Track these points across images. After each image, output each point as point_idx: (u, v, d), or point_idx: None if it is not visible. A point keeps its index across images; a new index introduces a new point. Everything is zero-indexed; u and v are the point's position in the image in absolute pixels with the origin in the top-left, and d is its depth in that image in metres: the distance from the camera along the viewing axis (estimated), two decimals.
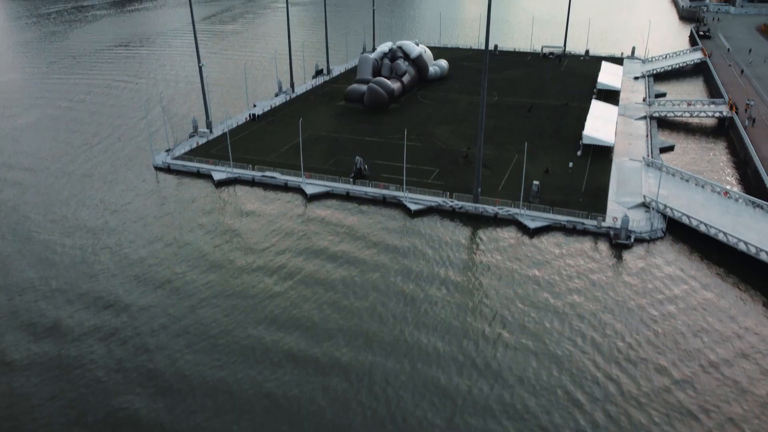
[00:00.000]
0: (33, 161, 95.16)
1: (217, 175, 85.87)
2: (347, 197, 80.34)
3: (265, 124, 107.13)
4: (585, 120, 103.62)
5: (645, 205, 74.53)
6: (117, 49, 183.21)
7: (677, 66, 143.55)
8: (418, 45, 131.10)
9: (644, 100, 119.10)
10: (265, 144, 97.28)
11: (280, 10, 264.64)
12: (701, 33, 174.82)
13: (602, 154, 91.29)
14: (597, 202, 76.05)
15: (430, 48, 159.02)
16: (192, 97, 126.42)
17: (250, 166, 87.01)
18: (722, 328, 54.27)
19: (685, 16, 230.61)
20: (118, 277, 62.75)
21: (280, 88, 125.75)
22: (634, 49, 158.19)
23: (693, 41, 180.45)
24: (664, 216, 71.19)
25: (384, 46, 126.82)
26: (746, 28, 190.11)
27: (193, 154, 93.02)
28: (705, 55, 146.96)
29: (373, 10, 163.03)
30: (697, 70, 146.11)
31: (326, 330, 54.52)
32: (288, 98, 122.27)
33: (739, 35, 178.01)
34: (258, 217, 75.38)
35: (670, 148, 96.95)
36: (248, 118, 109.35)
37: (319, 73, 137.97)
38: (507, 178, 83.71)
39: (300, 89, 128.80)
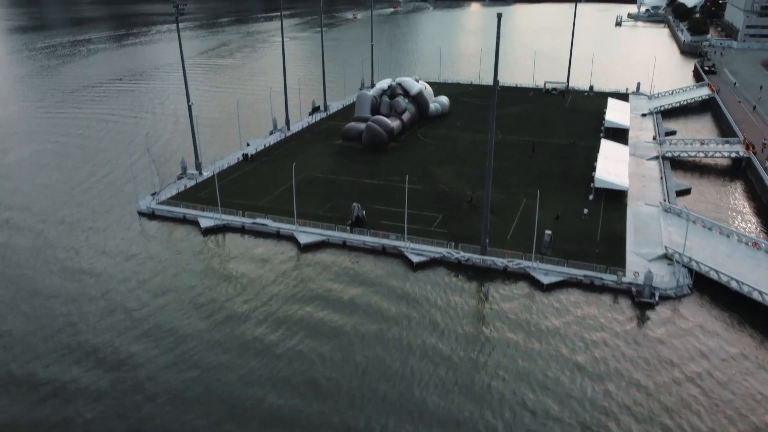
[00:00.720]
0: (17, 201, 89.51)
1: (205, 222, 80.00)
2: (344, 246, 74.41)
3: (258, 165, 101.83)
4: (594, 160, 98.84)
5: (667, 257, 68.65)
6: (111, 83, 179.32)
7: (685, 102, 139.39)
8: (418, 81, 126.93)
9: (654, 138, 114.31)
10: (258, 187, 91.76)
11: (277, 44, 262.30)
12: (706, 68, 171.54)
13: (616, 198, 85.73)
14: (614, 253, 70.17)
15: (430, 83, 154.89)
16: (184, 134, 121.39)
17: (240, 212, 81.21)
18: (766, 392, 48.11)
19: (686, 50, 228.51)
20: (98, 330, 56.37)
21: (275, 126, 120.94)
22: (639, 84, 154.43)
23: (698, 76, 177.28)
24: (689, 270, 65.23)
25: (383, 83, 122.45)
26: (751, 64, 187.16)
27: (179, 198, 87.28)
28: (713, 91, 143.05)
29: (372, 45, 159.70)
30: (705, 107, 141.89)
31: (321, 391, 48.32)
32: (283, 136, 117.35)
33: (744, 70, 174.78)
34: (247, 270, 69.26)
35: (687, 192, 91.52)
36: (241, 159, 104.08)
37: (315, 110, 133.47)
38: (516, 226, 77.94)
39: (296, 127, 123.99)
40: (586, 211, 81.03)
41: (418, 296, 63.77)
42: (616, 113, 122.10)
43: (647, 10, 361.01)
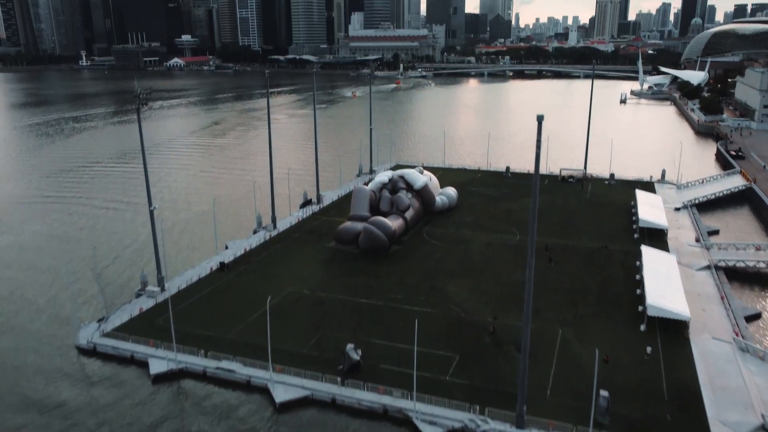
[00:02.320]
0: None
1: (156, 366, 62.67)
2: (333, 405, 56.93)
3: (234, 276, 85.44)
4: (636, 272, 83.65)
5: (766, 430, 51.19)
6: (88, 167, 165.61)
7: (720, 194, 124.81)
8: (422, 173, 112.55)
9: (697, 240, 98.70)
10: (230, 308, 74.95)
11: (275, 122, 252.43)
12: (733, 152, 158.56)
13: (673, 328, 68.79)
14: (692, 421, 52.74)
15: (434, 169, 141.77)
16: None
17: (202, 351, 64.09)
18: None
19: (702, 131, 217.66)
20: None
21: (260, 224, 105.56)
22: (664, 172, 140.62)
23: (721, 160, 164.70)
24: None
25: (383, 176, 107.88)
26: None
27: (130, 327, 70.16)
28: (748, 180, 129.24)
29: (371, 129, 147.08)
30: (741, 197, 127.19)
31: None
32: (268, 237, 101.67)
33: None
34: None
35: (756, 316, 74.83)
36: (216, 267, 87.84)
37: (307, 203, 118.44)
38: (555, 373, 60.67)
39: (283, 223, 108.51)
40: (649, 349, 63.97)
41: None
42: (649, 209, 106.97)
43: (650, 87, 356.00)
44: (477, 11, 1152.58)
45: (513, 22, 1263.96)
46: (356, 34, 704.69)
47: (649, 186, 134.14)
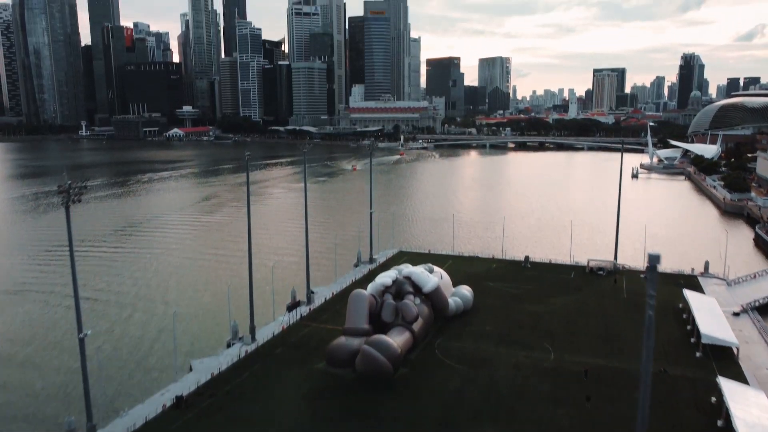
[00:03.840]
0: None
1: None
2: None
3: (192, 419, 65.52)
4: (719, 418, 64.10)
5: None
6: (50, 252, 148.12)
7: None
8: (432, 272, 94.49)
9: None
10: None
11: (271, 196, 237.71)
12: None
13: None
14: None
15: (443, 258, 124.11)
16: (108, 351, 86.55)
17: None
18: None
19: (730, 211, 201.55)
20: None
21: (235, 334, 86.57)
22: (707, 264, 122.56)
23: (763, 247, 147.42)
24: None
25: (386, 277, 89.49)
26: None
27: None
28: None
29: (371, 213, 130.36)
30: None
31: None
32: (244, 353, 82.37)
33: None
34: None
35: None
36: (168, 405, 68.15)
37: (295, 305, 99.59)
38: None
39: (265, 333, 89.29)
40: None
41: None
42: (709, 319, 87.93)
43: (660, 161, 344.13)
44: (476, 84, 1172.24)
45: (511, 94, 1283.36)
46: (357, 105, 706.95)
47: (692, 281, 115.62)
